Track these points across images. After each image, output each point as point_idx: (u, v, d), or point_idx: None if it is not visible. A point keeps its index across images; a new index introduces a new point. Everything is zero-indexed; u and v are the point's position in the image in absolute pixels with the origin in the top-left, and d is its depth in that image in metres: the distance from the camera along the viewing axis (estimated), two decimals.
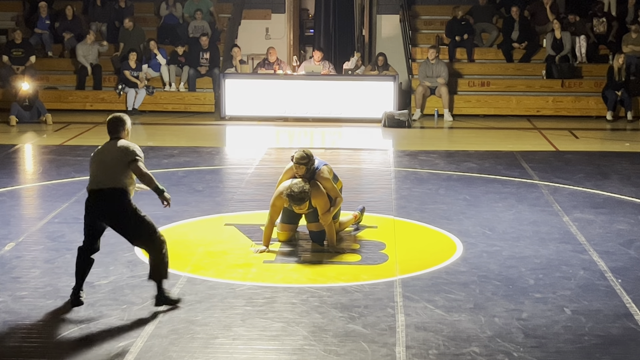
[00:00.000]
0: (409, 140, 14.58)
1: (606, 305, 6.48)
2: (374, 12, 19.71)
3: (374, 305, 6.46)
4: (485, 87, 17.29)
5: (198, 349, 5.66)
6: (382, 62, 16.87)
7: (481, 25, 18.23)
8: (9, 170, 11.44)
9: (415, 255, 7.76)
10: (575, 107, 16.84)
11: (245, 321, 6.14)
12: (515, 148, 13.35)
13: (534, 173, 11.38)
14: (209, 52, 17.28)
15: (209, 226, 8.68)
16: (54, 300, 6.52)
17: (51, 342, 5.75)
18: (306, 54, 20.82)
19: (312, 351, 5.64)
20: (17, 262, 7.45)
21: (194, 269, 7.32)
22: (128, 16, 17.93)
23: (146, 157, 13.35)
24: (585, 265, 7.48)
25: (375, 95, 16.21)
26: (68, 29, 17.97)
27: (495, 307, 6.42)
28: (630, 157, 12.80)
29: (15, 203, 9.62)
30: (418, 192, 10.26)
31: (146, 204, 9.49)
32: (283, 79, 16.45)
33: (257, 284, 6.92)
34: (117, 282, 6.96)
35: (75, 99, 17.02)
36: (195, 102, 17.11)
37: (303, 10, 21.93)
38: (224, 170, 12.05)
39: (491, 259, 7.64)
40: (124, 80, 16.89)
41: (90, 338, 5.81)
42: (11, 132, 14.79)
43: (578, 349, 5.74)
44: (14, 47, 17.05)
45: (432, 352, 5.64)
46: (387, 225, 8.73)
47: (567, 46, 17.10)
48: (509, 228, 8.67)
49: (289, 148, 14.02)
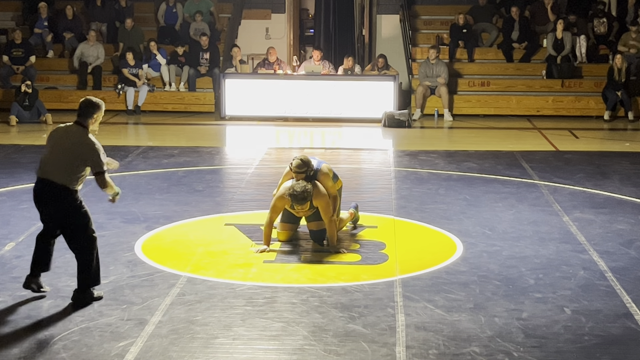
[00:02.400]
0: (409, 140, 14.58)
1: (606, 305, 6.48)
2: (374, 12, 19.71)
3: (374, 305, 6.46)
4: (485, 87, 17.29)
5: (198, 349, 5.66)
6: (382, 64, 16.86)
7: (481, 25, 18.23)
8: (9, 170, 11.44)
9: (415, 255, 7.76)
10: (575, 107, 16.84)
11: (245, 321, 6.14)
12: (515, 148, 13.35)
13: (534, 173, 11.38)
14: (209, 52, 17.29)
15: (209, 226, 8.68)
16: (54, 300, 6.52)
17: (51, 342, 5.75)
18: (306, 54, 20.82)
19: (312, 351, 5.64)
20: (17, 262, 7.45)
21: (194, 269, 7.32)
22: (128, 16, 17.94)
23: (146, 157, 13.35)
24: (585, 265, 7.48)
25: (375, 95, 16.21)
26: (68, 28, 17.97)
27: (495, 307, 6.42)
28: (630, 157, 12.80)
29: (15, 203, 9.62)
30: (418, 192, 10.26)
31: (146, 204, 9.54)
32: (283, 79, 16.45)
33: (257, 284, 6.92)
34: (117, 282, 6.96)
35: (75, 99, 16.97)
36: (195, 102, 17.11)
37: (303, 10, 21.93)
38: (224, 170, 12.05)
39: (491, 259, 7.64)
40: (123, 79, 16.89)
41: (90, 338, 5.81)
42: (11, 132, 14.79)
43: (578, 349, 5.74)
44: (14, 47, 17.06)
45: (432, 352, 5.64)
46: (387, 225, 8.73)
47: (568, 46, 17.11)
48: (509, 228, 8.67)
49: (289, 148, 14.04)
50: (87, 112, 6.51)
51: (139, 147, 13.25)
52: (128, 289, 6.78)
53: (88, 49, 17.21)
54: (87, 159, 6.32)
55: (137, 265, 7.39)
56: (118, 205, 9.43)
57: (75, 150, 6.32)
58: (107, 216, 8.99)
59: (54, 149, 6.39)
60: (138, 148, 13.12)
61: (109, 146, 13.30)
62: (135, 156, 12.44)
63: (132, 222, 8.79)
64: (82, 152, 6.33)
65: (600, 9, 17.83)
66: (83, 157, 6.32)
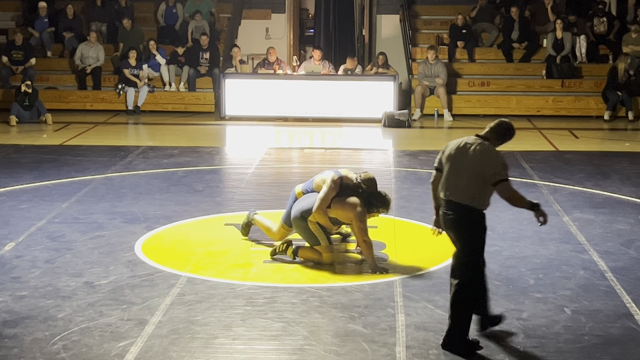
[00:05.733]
0: (409, 140, 14.58)
1: (606, 305, 6.48)
2: (374, 12, 19.70)
3: (374, 305, 6.46)
4: (485, 87, 17.29)
5: (198, 349, 5.66)
6: (383, 62, 16.86)
7: (481, 25, 18.23)
8: (9, 170, 11.44)
9: (415, 255, 7.76)
10: (575, 107, 16.84)
11: (245, 321, 6.14)
12: (515, 148, 13.34)
13: (534, 173, 11.38)
14: (209, 52, 17.28)
15: (209, 226, 8.68)
16: (54, 300, 6.52)
17: (51, 342, 5.74)
18: (306, 54, 20.81)
19: (312, 351, 5.65)
20: (17, 262, 7.45)
21: (194, 269, 7.32)
22: (128, 16, 17.93)
23: (146, 157, 13.31)
24: (585, 265, 7.48)
25: (375, 95, 16.20)
26: (68, 28, 17.96)
27: (495, 307, 6.42)
28: (630, 157, 12.80)
29: (15, 203, 9.62)
30: (418, 192, 10.25)
31: (146, 204, 9.54)
32: (283, 79, 16.45)
33: (257, 284, 6.92)
34: (117, 282, 6.96)
35: (75, 99, 17.01)
36: (195, 102, 17.11)
37: (303, 10, 21.93)
38: (224, 170, 12.05)
39: (491, 259, 7.62)
40: (123, 79, 16.89)
41: (90, 338, 5.81)
42: (11, 132, 14.79)
43: (578, 349, 5.74)
44: (14, 49, 17.04)
45: (432, 352, 5.64)
46: (387, 225, 8.73)
47: (568, 46, 17.10)
48: (509, 228, 8.67)
49: (289, 148, 14.04)
50: (502, 135, 5.92)
51: (139, 147, 13.25)
52: (128, 289, 6.78)
53: (88, 50, 17.21)
54: (493, 174, 5.76)
55: (137, 265, 7.39)
56: (118, 205, 9.47)
57: (481, 167, 5.78)
58: (107, 216, 9.00)
59: (455, 169, 5.87)
60: (138, 148, 13.12)
61: (109, 146, 13.36)
62: (135, 156, 12.44)
63: (132, 222, 8.79)
64: (488, 169, 5.77)
65: (600, 9, 17.83)
66: (489, 177, 5.76)
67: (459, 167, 5.82)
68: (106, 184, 10.62)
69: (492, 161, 5.76)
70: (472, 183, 5.75)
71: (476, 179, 5.74)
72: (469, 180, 5.75)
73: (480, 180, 5.74)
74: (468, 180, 5.75)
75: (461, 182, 5.78)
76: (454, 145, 5.92)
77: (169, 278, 7.05)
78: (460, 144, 5.89)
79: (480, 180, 5.74)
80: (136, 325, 6.02)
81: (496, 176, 5.71)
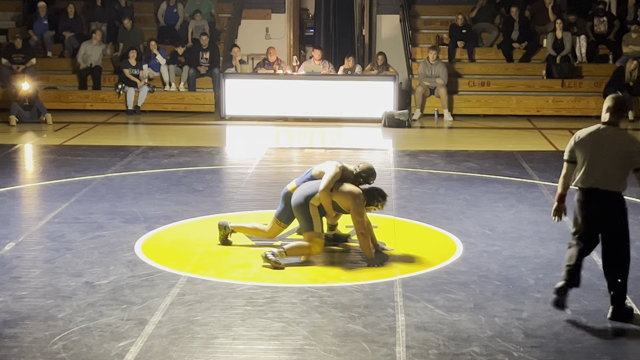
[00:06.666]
0: (409, 140, 14.58)
1: (606, 305, 6.47)
2: (374, 12, 19.70)
3: (374, 305, 6.46)
4: (485, 87, 17.29)
5: (198, 349, 5.66)
6: (382, 62, 16.86)
7: (481, 25, 18.23)
8: (9, 170, 11.44)
9: (415, 255, 7.76)
10: (575, 107, 16.84)
11: (245, 321, 6.14)
12: (515, 148, 13.35)
13: (534, 173, 11.38)
14: (209, 52, 17.28)
15: (209, 226, 8.68)
16: (54, 300, 6.52)
17: (51, 342, 5.74)
18: (306, 54, 20.81)
19: (312, 351, 5.65)
20: (17, 262, 7.45)
21: (194, 269, 7.32)
22: (128, 16, 17.93)
23: (146, 157, 13.32)
24: (585, 265, 7.46)
25: (375, 95, 16.20)
26: (69, 28, 17.96)
27: (496, 307, 6.43)
28: None
29: (15, 203, 9.62)
30: (418, 192, 10.26)
31: (146, 204, 9.53)
32: (283, 79, 16.45)
33: (257, 284, 6.92)
34: (117, 282, 6.96)
35: (75, 99, 17.01)
36: (195, 102, 17.11)
37: (303, 10, 21.92)
38: (224, 170, 12.05)
39: (491, 259, 7.64)
40: (123, 79, 16.89)
41: (90, 338, 5.81)
42: (11, 132, 14.79)
43: (578, 349, 5.74)
44: (14, 52, 17.01)
45: (432, 352, 5.64)
46: (387, 225, 8.73)
47: (568, 46, 17.10)
48: (509, 228, 8.67)
49: (289, 148, 14.04)
50: (620, 110, 6.27)
51: (139, 147, 13.25)
52: (128, 289, 6.78)
53: (91, 49, 17.21)
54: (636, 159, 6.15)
55: (137, 265, 7.39)
56: (118, 205, 9.47)
57: (625, 153, 6.13)
58: (107, 216, 9.00)
59: (597, 157, 6.17)
60: (138, 148, 13.12)
61: (109, 146, 13.36)
62: (135, 156, 12.44)
63: (132, 222, 8.79)
64: (632, 155, 6.14)
65: (600, 9, 17.83)
66: (633, 161, 6.15)
67: (600, 156, 6.12)
68: (106, 184, 10.62)
69: (636, 147, 6.11)
70: (616, 170, 6.10)
71: (619, 166, 6.09)
72: (612, 167, 6.08)
73: (625, 166, 6.09)
74: (612, 167, 6.08)
75: (606, 171, 6.10)
76: (586, 136, 6.18)
77: (169, 278, 7.05)
78: (593, 133, 6.16)
79: (623, 167, 6.10)
80: (136, 325, 6.02)
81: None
